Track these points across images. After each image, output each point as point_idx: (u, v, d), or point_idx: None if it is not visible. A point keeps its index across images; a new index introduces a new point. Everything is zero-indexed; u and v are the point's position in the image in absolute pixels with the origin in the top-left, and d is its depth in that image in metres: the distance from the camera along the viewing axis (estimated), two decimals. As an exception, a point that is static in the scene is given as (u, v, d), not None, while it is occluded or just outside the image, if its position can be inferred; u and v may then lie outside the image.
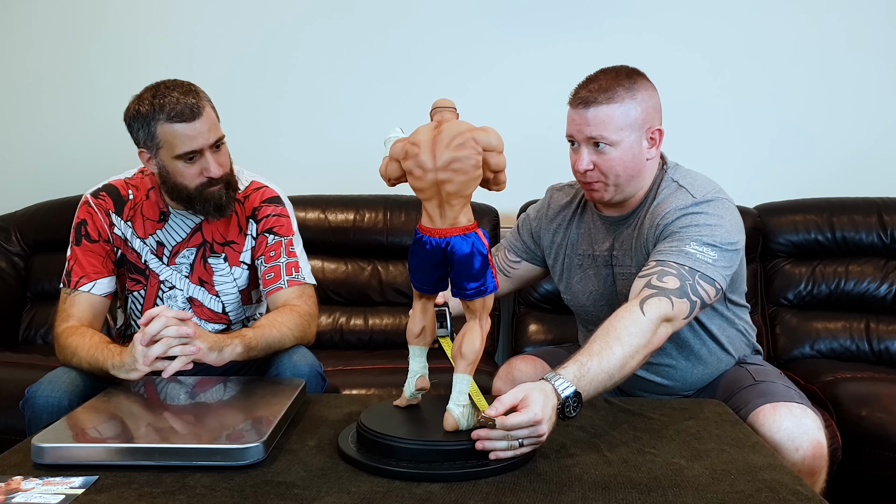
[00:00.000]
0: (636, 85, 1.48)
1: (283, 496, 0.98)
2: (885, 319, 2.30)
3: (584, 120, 1.46)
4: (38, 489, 0.99)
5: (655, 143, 1.51)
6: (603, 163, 1.47)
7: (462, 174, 1.05)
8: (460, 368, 1.13)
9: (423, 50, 2.66)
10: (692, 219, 1.43)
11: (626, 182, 1.50)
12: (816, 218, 2.41)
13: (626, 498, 0.98)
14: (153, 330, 1.34)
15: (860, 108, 2.59)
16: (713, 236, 1.40)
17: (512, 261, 1.76)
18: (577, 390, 1.17)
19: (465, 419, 1.12)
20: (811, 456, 1.34)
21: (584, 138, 1.47)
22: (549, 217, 1.69)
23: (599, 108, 1.45)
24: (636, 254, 1.51)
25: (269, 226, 1.67)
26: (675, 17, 2.59)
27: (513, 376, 1.59)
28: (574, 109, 1.49)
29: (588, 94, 1.46)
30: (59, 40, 2.74)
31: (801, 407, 1.38)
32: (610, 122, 1.45)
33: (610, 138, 1.45)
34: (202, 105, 1.51)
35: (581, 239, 1.63)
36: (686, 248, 1.39)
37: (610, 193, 1.51)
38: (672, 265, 1.37)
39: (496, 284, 1.12)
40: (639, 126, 1.47)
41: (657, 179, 1.54)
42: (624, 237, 1.55)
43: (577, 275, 1.63)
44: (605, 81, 1.47)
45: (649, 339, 1.29)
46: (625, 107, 1.45)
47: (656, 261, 1.40)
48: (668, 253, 1.40)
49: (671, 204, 1.47)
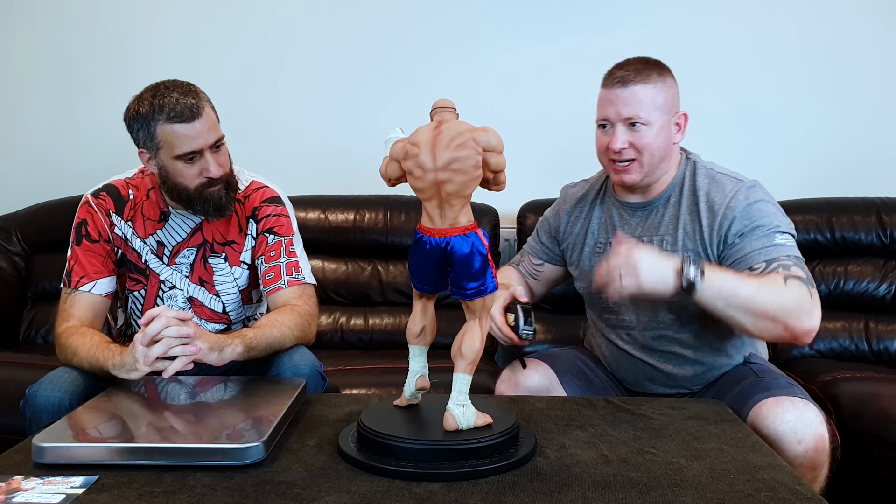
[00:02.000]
0: (665, 71, 1.57)
1: (283, 496, 0.99)
2: (885, 319, 2.30)
3: (622, 99, 1.52)
4: (38, 489, 0.99)
5: (681, 128, 1.59)
6: (638, 141, 1.53)
7: (462, 174, 1.05)
8: (460, 368, 1.13)
9: (424, 50, 2.67)
10: (759, 208, 1.51)
11: (658, 163, 1.56)
12: (816, 218, 2.41)
13: (625, 497, 0.99)
14: (154, 330, 1.34)
15: (860, 108, 2.59)
16: (781, 224, 1.50)
17: (536, 264, 1.81)
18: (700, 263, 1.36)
19: (464, 419, 1.12)
20: (813, 449, 1.34)
21: (620, 118, 1.53)
22: (566, 210, 1.75)
23: (636, 87, 1.51)
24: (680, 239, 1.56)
25: (270, 226, 1.67)
26: (675, 17, 2.59)
27: (515, 380, 1.59)
28: (609, 90, 1.55)
29: (625, 74, 1.53)
30: (60, 40, 2.74)
31: (804, 401, 1.40)
32: (647, 101, 1.51)
33: (646, 117, 1.51)
34: (202, 105, 1.51)
35: (600, 227, 1.68)
36: (775, 240, 1.47)
37: (641, 174, 1.56)
38: (783, 259, 1.44)
39: (496, 284, 1.12)
40: (668, 109, 1.55)
41: (686, 167, 1.61)
42: (656, 223, 1.59)
43: (595, 262, 1.66)
44: (637, 65, 1.55)
45: (787, 308, 1.37)
46: (657, 88, 1.53)
47: (765, 261, 1.45)
48: (767, 251, 1.46)
49: (725, 189, 1.54)
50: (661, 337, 1.59)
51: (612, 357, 1.69)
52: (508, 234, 2.58)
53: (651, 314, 1.59)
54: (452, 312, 1.61)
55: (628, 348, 1.64)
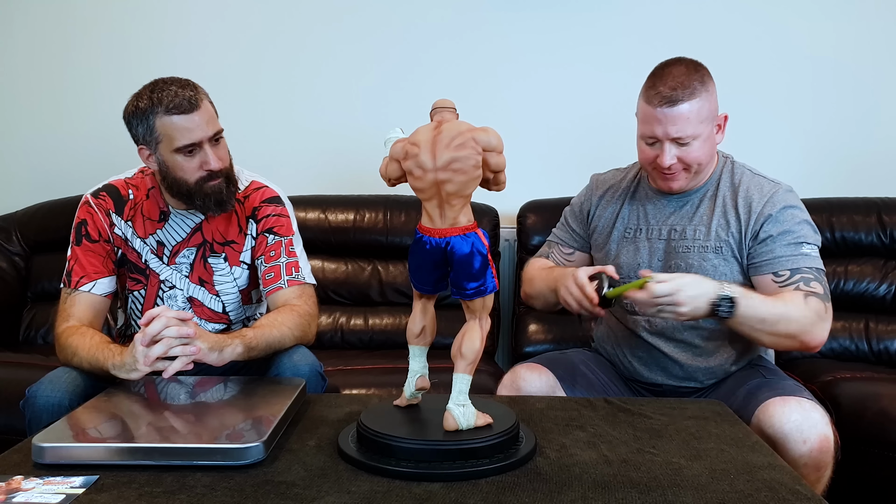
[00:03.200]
0: (705, 77, 1.57)
1: (283, 496, 0.99)
2: (885, 319, 2.30)
3: (670, 119, 1.53)
4: (38, 489, 0.99)
5: (721, 129, 1.63)
6: (687, 156, 1.56)
7: (462, 174, 1.05)
8: (460, 368, 1.13)
9: (424, 50, 2.67)
10: (793, 214, 1.58)
11: (704, 169, 1.62)
12: (816, 218, 2.34)
13: (625, 498, 0.99)
14: (154, 330, 1.34)
15: (860, 108, 2.59)
16: (809, 234, 1.58)
17: (566, 254, 1.82)
18: (734, 297, 1.43)
19: (464, 419, 1.12)
20: (818, 449, 1.35)
21: (668, 137, 1.54)
22: (598, 195, 1.78)
23: (683, 105, 1.52)
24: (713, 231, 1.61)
25: (269, 226, 1.67)
26: (676, 18, 2.59)
27: (517, 386, 1.59)
28: (658, 108, 1.54)
29: (672, 93, 1.52)
30: (59, 40, 2.74)
31: (810, 402, 1.42)
32: (694, 118, 1.53)
33: (693, 132, 1.54)
34: (200, 98, 1.52)
35: (632, 214, 1.71)
36: (802, 250, 1.55)
37: (688, 181, 1.61)
38: (806, 271, 1.54)
39: (496, 284, 1.12)
40: (713, 117, 1.58)
41: (723, 164, 1.67)
42: (690, 214, 1.64)
43: (623, 248, 1.69)
44: (680, 77, 1.54)
45: (806, 325, 1.49)
46: (702, 100, 1.54)
47: (790, 270, 1.54)
48: (793, 259, 1.55)
49: (762, 191, 1.60)
50: (681, 325, 1.61)
51: (628, 343, 1.70)
52: (508, 234, 2.58)
53: None
54: (452, 312, 1.61)
55: (645, 335, 1.65)
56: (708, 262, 1.59)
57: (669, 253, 1.64)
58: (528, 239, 2.43)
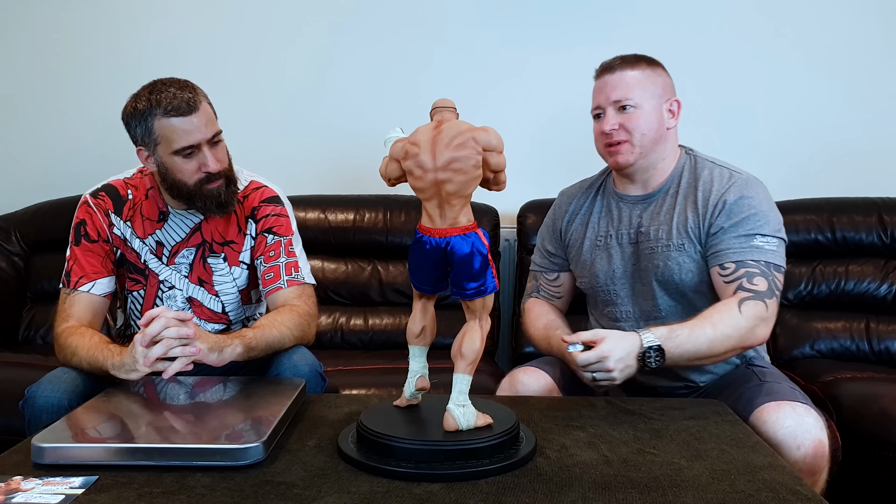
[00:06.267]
0: (654, 63, 1.63)
1: (283, 496, 0.98)
2: (885, 319, 2.30)
3: (610, 84, 1.58)
4: (37, 489, 0.99)
5: (675, 115, 1.63)
6: (628, 122, 1.57)
7: (462, 174, 1.05)
8: (460, 368, 1.13)
9: (425, 48, 2.67)
10: (749, 204, 1.53)
11: (651, 145, 1.59)
12: (816, 218, 2.40)
13: (626, 498, 0.98)
14: (153, 331, 1.34)
15: (861, 108, 2.59)
16: (768, 224, 1.53)
17: (551, 280, 1.81)
18: (661, 345, 1.39)
19: (464, 419, 1.12)
20: (812, 455, 1.34)
21: (610, 102, 1.58)
22: (566, 209, 1.78)
23: (624, 72, 1.58)
24: (674, 229, 1.58)
25: (269, 225, 1.67)
26: (678, 17, 2.59)
27: (516, 389, 1.58)
28: (600, 78, 1.62)
29: (612, 62, 1.61)
30: (59, 40, 2.73)
31: (805, 406, 1.40)
32: (635, 84, 1.57)
33: (635, 99, 1.57)
34: (198, 100, 1.52)
35: (601, 220, 1.70)
36: (754, 241, 1.51)
37: (635, 155, 1.59)
38: (751, 264, 1.49)
39: (496, 285, 1.12)
40: (659, 95, 1.60)
41: (686, 160, 1.64)
42: (654, 214, 1.62)
43: (597, 255, 1.69)
44: (626, 56, 1.62)
45: (742, 334, 1.45)
46: (646, 74, 1.59)
47: (734, 262, 1.50)
48: (741, 251, 1.51)
49: (720, 181, 1.57)
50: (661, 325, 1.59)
51: None
52: (508, 234, 2.58)
53: (651, 304, 1.62)
54: (452, 312, 1.61)
55: None
56: (672, 262, 1.57)
57: (639, 256, 1.63)
58: (527, 239, 2.43)
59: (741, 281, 1.49)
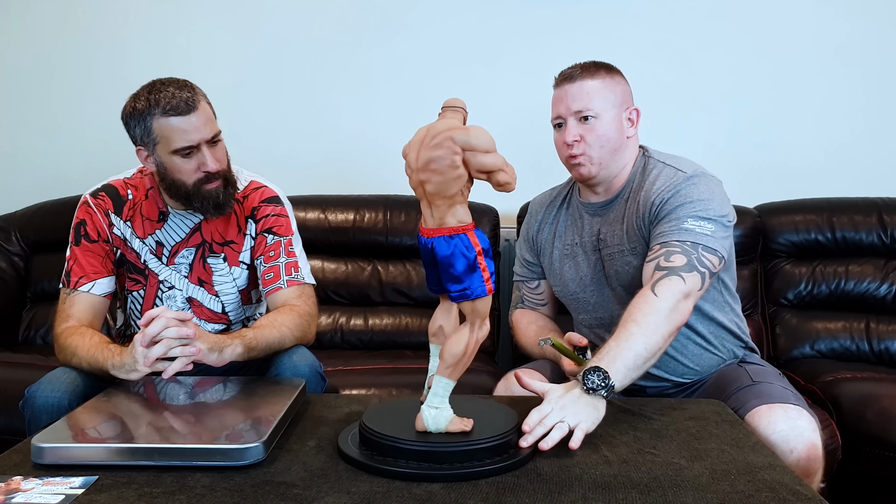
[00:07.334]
0: (613, 70, 1.62)
1: (283, 496, 0.98)
2: (885, 319, 2.30)
3: (570, 94, 1.57)
4: (37, 489, 0.99)
5: (634, 123, 1.62)
6: (588, 134, 1.56)
7: (438, 174, 1.01)
8: (440, 370, 1.11)
9: (425, 48, 2.67)
10: (685, 194, 1.50)
11: (610, 156, 1.58)
12: (816, 218, 2.41)
13: (626, 498, 0.98)
14: (153, 331, 1.34)
15: (861, 108, 2.59)
16: (707, 210, 1.48)
17: (532, 288, 1.81)
18: (596, 366, 1.25)
19: (433, 422, 1.11)
20: (805, 458, 1.34)
21: (570, 112, 1.57)
22: (537, 218, 1.78)
23: (584, 81, 1.57)
24: (625, 232, 1.58)
25: (269, 226, 1.67)
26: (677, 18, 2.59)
27: (511, 391, 1.58)
28: (560, 88, 1.60)
29: (572, 72, 1.60)
30: (59, 40, 2.74)
31: (797, 408, 1.39)
32: (594, 93, 1.56)
33: (595, 109, 1.55)
34: (197, 99, 1.52)
35: (567, 229, 1.70)
36: (683, 224, 1.46)
37: (595, 168, 1.59)
38: (675, 244, 1.44)
39: (486, 290, 1.07)
40: (619, 104, 1.59)
41: (640, 163, 1.63)
42: (611, 219, 1.61)
43: (566, 264, 1.69)
44: (584, 65, 1.60)
45: (668, 316, 1.36)
46: (606, 83, 1.58)
47: (660, 243, 1.46)
48: (668, 234, 1.47)
49: (662, 181, 1.54)
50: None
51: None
52: (508, 234, 2.58)
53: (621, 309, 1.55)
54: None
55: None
56: (630, 266, 1.56)
57: (602, 263, 1.62)
58: (528, 239, 2.43)
59: (658, 260, 1.43)
